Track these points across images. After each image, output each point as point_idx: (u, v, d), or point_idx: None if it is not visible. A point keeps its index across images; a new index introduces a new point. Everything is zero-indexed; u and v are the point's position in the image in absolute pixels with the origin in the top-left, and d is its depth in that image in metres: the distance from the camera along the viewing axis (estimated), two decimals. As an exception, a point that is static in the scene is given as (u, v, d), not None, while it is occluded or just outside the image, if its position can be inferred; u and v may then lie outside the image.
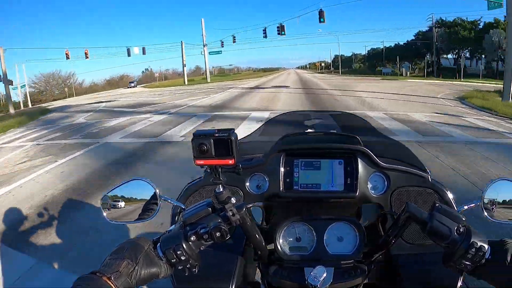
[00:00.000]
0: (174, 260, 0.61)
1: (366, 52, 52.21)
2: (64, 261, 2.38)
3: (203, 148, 0.59)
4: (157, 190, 0.71)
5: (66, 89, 41.79)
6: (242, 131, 5.24)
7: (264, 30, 26.13)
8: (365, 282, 0.86)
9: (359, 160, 0.83)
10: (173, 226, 0.67)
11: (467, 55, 31.78)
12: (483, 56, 29.45)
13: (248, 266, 0.88)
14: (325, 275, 0.69)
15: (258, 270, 0.84)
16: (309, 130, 1.10)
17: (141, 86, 44.07)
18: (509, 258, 0.57)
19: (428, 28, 34.17)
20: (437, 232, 0.62)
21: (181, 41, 38.71)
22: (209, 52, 38.05)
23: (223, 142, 0.59)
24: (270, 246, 0.78)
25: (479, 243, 0.59)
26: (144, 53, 33.72)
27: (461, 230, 0.61)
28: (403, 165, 0.88)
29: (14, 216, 3.27)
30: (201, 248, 0.64)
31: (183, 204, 0.81)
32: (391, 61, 40.76)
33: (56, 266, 2.35)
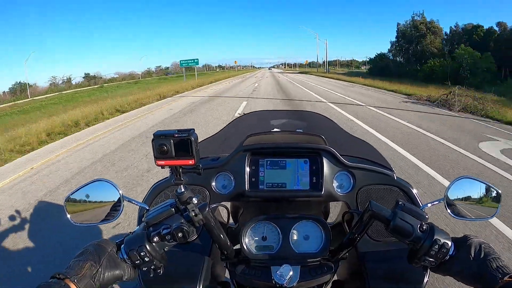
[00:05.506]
0: (138, 261, 0.61)
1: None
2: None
3: (163, 149, 0.58)
4: (120, 191, 0.70)
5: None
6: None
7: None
8: (334, 279, 0.87)
9: (324, 159, 0.83)
10: (138, 227, 0.66)
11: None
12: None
13: (217, 266, 0.87)
14: (291, 273, 0.70)
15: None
16: (274, 130, 1.09)
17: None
18: (472, 254, 0.59)
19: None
20: (399, 230, 0.62)
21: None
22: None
23: (183, 142, 0.58)
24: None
25: (442, 240, 0.60)
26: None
27: (424, 227, 0.62)
28: (368, 164, 0.88)
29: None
30: (165, 249, 0.64)
31: (149, 205, 0.80)
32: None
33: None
